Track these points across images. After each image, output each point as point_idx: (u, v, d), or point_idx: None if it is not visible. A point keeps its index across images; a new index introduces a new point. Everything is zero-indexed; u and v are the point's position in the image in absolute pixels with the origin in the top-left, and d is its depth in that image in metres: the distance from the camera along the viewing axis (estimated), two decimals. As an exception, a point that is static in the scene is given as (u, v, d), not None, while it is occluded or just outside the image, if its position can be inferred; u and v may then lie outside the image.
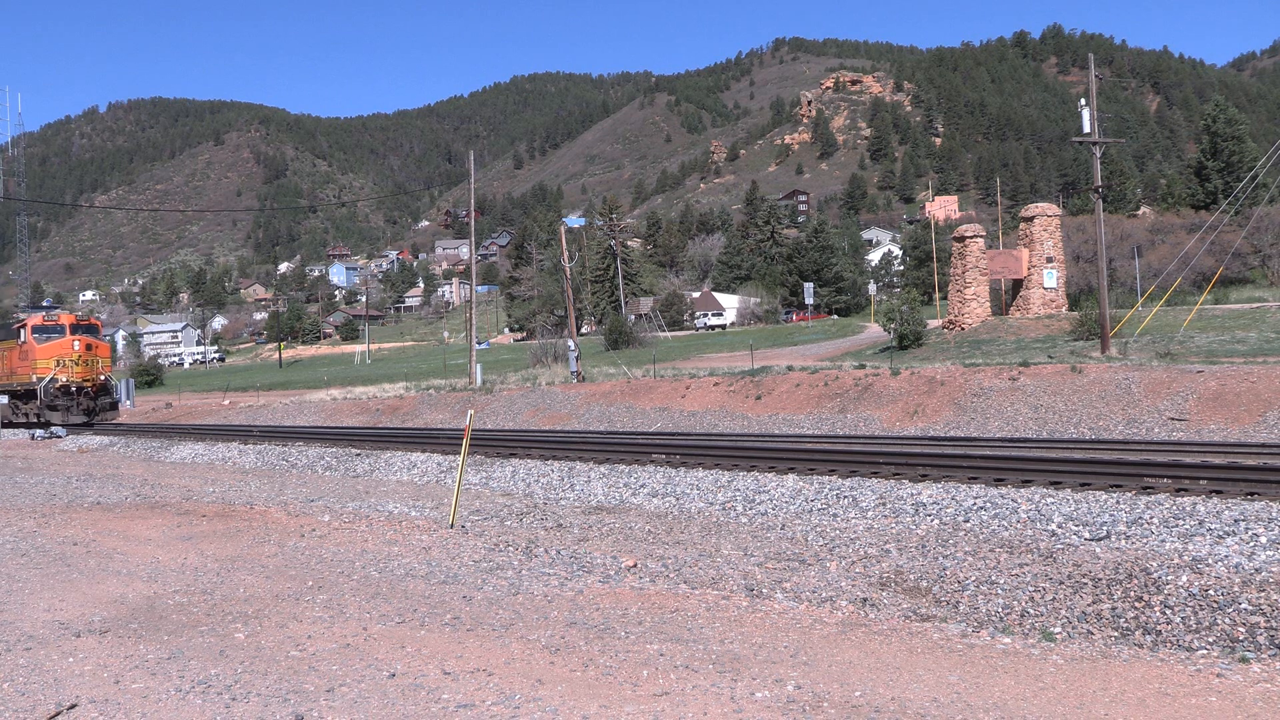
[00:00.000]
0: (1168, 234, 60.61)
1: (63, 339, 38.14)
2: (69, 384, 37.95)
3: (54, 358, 37.76)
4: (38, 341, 37.88)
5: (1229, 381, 21.68)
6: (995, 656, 6.12)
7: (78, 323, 39.72)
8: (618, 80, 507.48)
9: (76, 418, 37.66)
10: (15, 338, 39.90)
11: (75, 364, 37.89)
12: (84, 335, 38.82)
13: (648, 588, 8.38)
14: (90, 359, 38.61)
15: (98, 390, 38.88)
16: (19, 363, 39.03)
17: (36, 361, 37.72)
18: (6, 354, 40.36)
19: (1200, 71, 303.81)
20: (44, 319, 39.04)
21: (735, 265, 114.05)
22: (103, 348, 40.48)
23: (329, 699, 5.49)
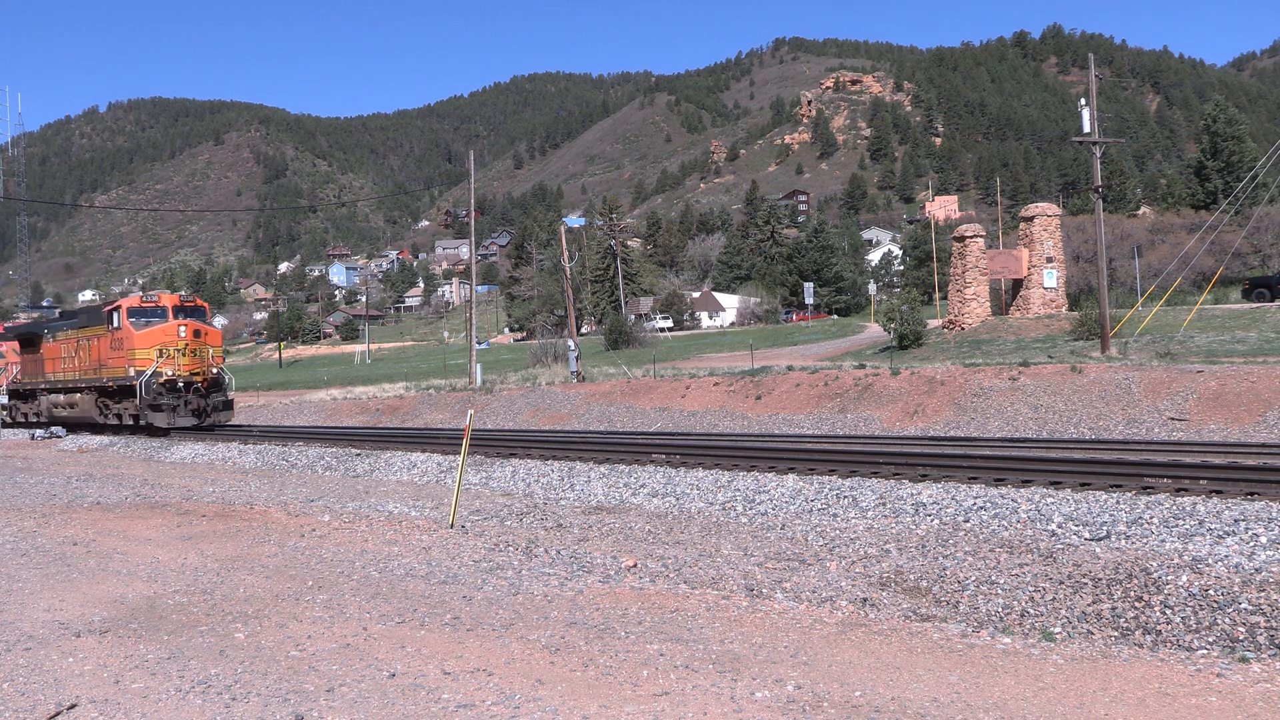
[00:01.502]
0: (1168, 234, 60.62)
1: (165, 324, 31.04)
2: (175, 378, 30.58)
3: (155, 346, 30.62)
4: (135, 327, 30.81)
5: (1229, 381, 21.67)
6: (995, 656, 6.12)
7: (182, 304, 32.27)
8: (618, 80, 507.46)
9: (184, 419, 30.62)
10: (104, 323, 32.75)
11: (182, 354, 30.78)
12: (191, 319, 31.60)
13: (648, 588, 8.38)
14: (200, 348, 31.42)
15: (209, 386, 31.62)
16: (110, 353, 31.97)
17: (134, 352, 30.60)
18: (91, 343, 33.46)
19: (1200, 71, 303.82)
20: (141, 300, 32.23)
21: (735, 265, 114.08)
22: (213, 334, 32.87)
23: (329, 699, 5.49)
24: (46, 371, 36.96)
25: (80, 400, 34.15)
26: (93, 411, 33.27)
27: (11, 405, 40.27)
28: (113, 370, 31.78)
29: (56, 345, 36.11)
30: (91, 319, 34.00)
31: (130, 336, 30.87)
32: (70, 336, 35.10)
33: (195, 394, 31.02)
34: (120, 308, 31.76)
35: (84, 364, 33.81)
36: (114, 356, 31.69)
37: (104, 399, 32.96)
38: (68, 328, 35.65)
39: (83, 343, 33.89)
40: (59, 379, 35.87)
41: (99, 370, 32.74)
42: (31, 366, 38.80)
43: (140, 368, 30.46)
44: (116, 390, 32.09)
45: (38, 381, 37.89)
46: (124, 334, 31.11)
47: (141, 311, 31.54)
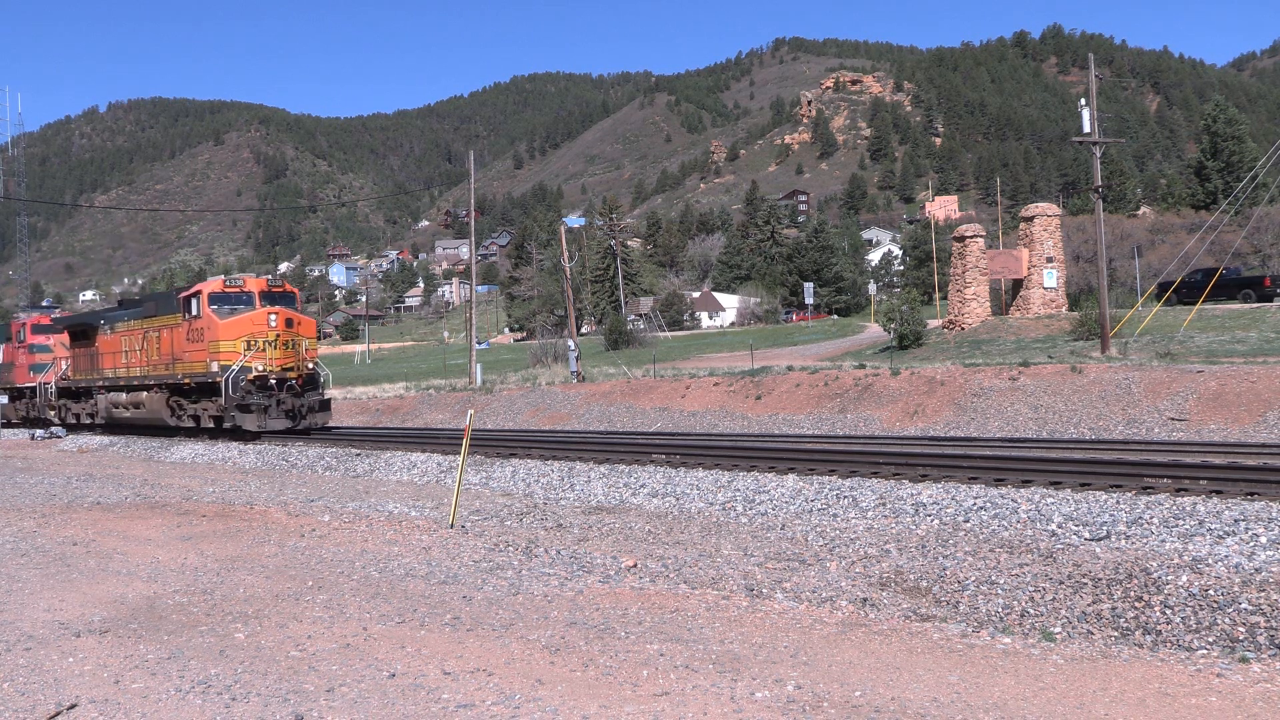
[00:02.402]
0: (1168, 234, 60.63)
1: (253, 311, 26.81)
2: (266, 375, 26.34)
3: (242, 338, 26.44)
4: (218, 315, 26.70)
5: (1229, 381, 21.67)
6: (995, 656, 6.12)
7: (270, 289, 27.80)
8: (618, 80, 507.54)
9: (277, 422, 26.33)
10: (178, 311, 28.34)
11: (273, 346, 26.55)
12: (281, 307, 27.31)
13: (648, 588, 8.38)
14: (293, 339, 27.04)
15: (304, 384, 27.36)
16: (187, 345, 27.75)
17: (218, 344, 26.41)
18: (161, 334, 29.31)
19: (1200, 71, 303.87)
20: (225, 284, 27.72)
21: (735, 265, 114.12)
22: (307, 324, 28.39)
23: (329, 699, 5.49)
24: (103, 367, 32.87)
25: (148, 400, 29.88)
26: (162, 412, 29.11)
27: (61, 405, 36.67)
28: (189, 365, 27.65)
29: (116, 337, 32.08)
30: (161, 306, 29.84)
31: (213, 326, 26.54)
32: (134, 327, 30.95)
33: (289, 392, 26.62)
34: (200, 293, 27.41)
35: (152, 358, 29.61)
36: (192, 349, 27.46)
37: (177, 398, 28.90)
38: (130, 317, 31.64)
39: (150, 334, 29.69)
40: (120, 375, 31.70)
41: (172, 365, 28.52)
42: (84, 362, 34.68)
43: (225, 362, 26.22)
44: (194, 388, 28.03)
45: (93, 378, 33.79)
46: (205, 323, 26.80)
47: (225, 297, 27.20)
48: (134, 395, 30.78)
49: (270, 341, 26.59)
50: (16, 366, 40.04)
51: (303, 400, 26.87)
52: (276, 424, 26.26)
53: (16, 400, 40.42)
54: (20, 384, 39.75)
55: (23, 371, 39.59)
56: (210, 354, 26.67)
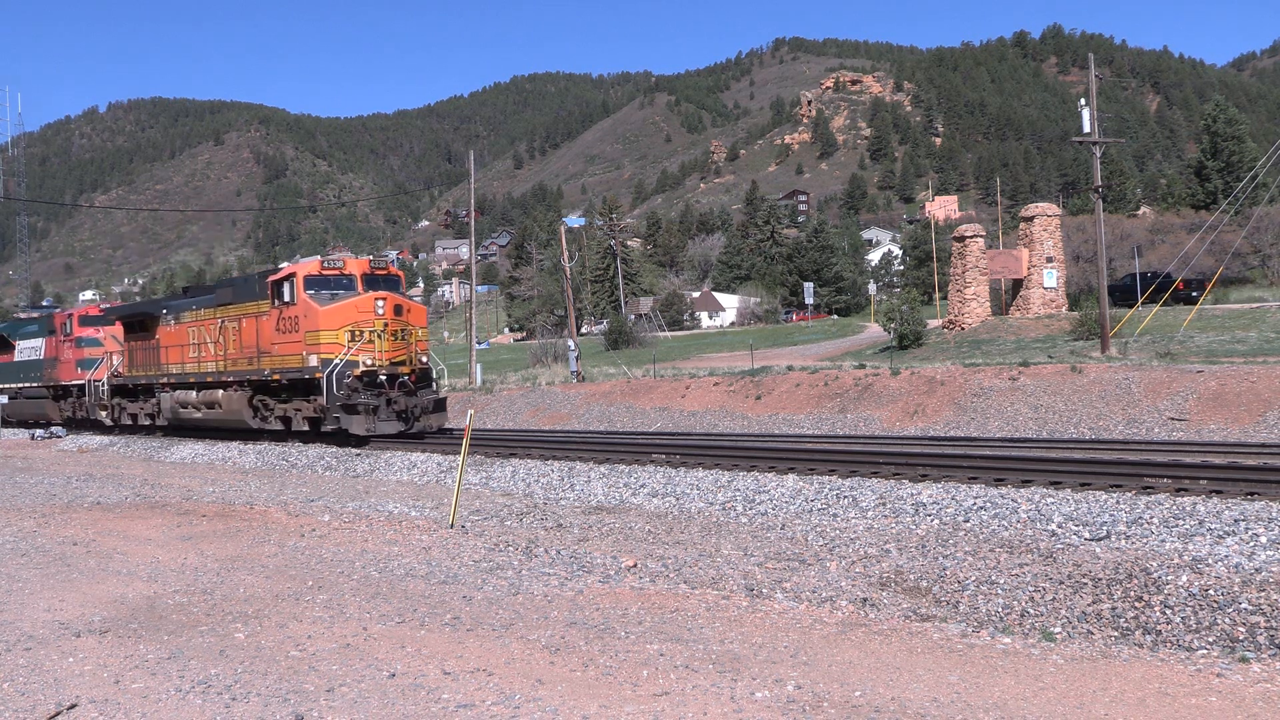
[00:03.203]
0: (1168, 234, 60.61)
1: (356, 297, 23.16)
2: (375, 370, 22.73)
3: (345, 327, 22.80)
4: (317, 301, 23.06)
5: (1229, 381, 21.68)
6: (995, 656, 6.12)
7: (373, 271, 23.91)
8: (618, 80, 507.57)
9: (387, 424, 22.63)
10: (265, 297, 24.58)
11: (381, 337, 22.88)
12: (388, 291, 23.63)
13: (648, 588, 8.38)
14: (403, 329, 23.45)
15: (418, 380, 23.72)
16: (276, 336, 24.14)
17: (318, 334, 22.78)
18: (241, 324, 25.64)
19: (1200, 71, 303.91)
20: (322, 267, 23.86)
21: (735, 265, 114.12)
22: (417, 311, 24.79)
23: (329, 699, 5.49)
24: (167, 362, 29.35)
25: (225, 399, 26.17)
26: (243, 414, 25.55)
27: (114, 404, 32.69)
28: (280, 359, 23.93)
29: (182, 329, 28.56)
30: (241, 293, 26.12)
31: (311, 314, 22.92)
32: (205, 317, 27.42)
33: (401, 390, 22.95)
34: (295, 276, 23.58)
35: (230, 351, 26.03)
36: (283, 341, 23.80)
37: (262, 397, 25.32)
38: (200, 306, 28.11)
39: (228, 324, 26.13)
40: (188, 372, 28.13)
41: (257, 360, 24.83)
42: (142, 356, 31.04)
43: (326, 355, 22.54)
44: (286, 386, 24.38)
45: (153, 374, 30.17)
46: (301, 310, 23.18)
47: (323, 281, 23.45)
48: (207, 394, 27.09)
49: (378, 331, 22.86)
50: (61, 362, 36.20)
51: (416, 399, 23.14)
52: (387, 426, 22.59)
53: (62, 399, 37.11)
54: (66, 381, 35.96)
55: (68, 368, 35.78)
56: (307, 346, 23.00)
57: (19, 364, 39.90)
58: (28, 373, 39.07)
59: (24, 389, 39.36)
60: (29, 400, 39.05)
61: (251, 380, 25.20)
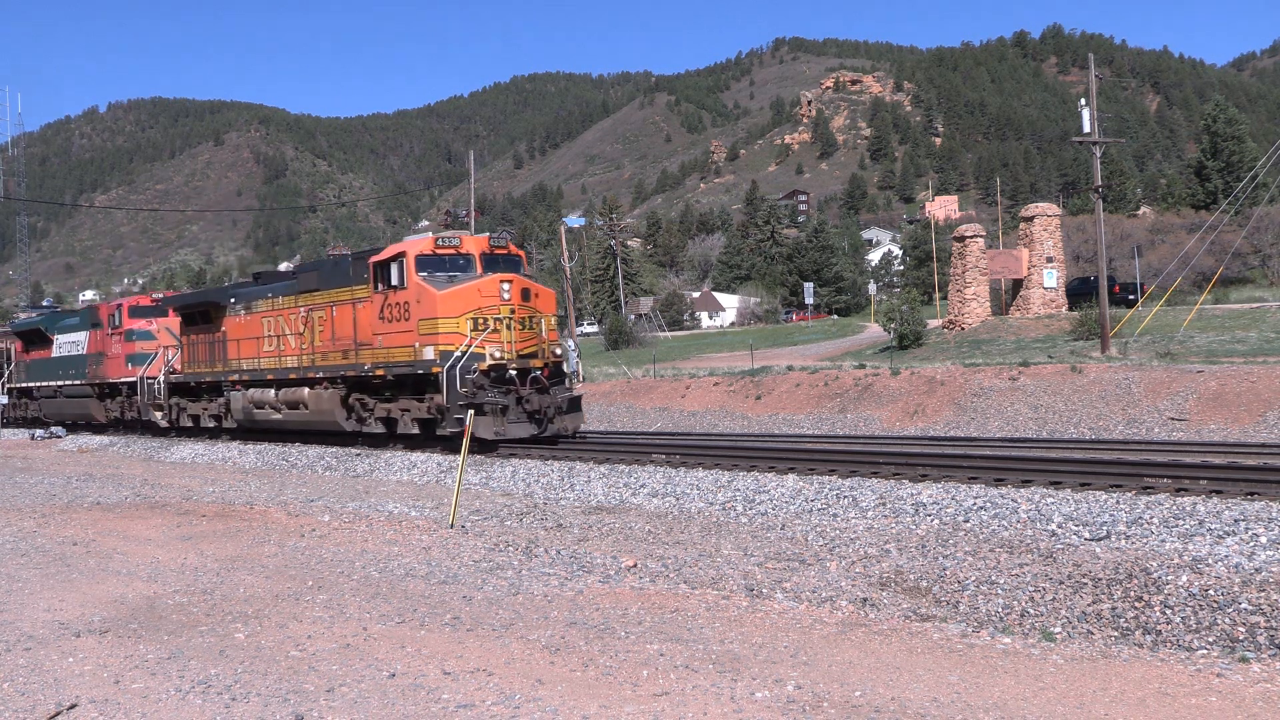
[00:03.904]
0: (1168, 234, 60.62)
1: (478, 279, 19.99)
2: (504, 363, 19.57)
3: (467, 314, 19.62)
4: (433, 284, 19.89)
5: (1229, 381, 21.69)
6: (995, 656, 6.12)
7: (493, 250, 20.79)
8: (618, 80, 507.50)
9: (519, 427, 19.69)
10: (363, 281, 21.47)
11: (508, 326, 19.77)
12: (510, 273, 20.40)
13: (648, 588, 8.38)
14: (531, 317, 20.41)
15: (551, 375, 20.55)
16: (380, 326, 20.99)
17: (435, 323, 19.63)
18: (331, 312, 22.62)
19: (1200, 71, 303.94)
20: (436, 245, 20.51)
21: (735, 265, 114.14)
22: (545, 296, 21.33)
23: (329, 699, 5.49)
24: (236, 356, 26.33)
25: (313, 398, 23.07)
26: (335, 414, 22.44)
27: (172, 404, 29.71)
28: (385, 352, 20.93)
29: (254, 319, 25.58)
30: (333, 277, 22.83)
31: (427, 299, 19.79)
32: (285, 306, 24.44)
33: (533, 387, 19.78)
34: (405, 255, 20.33)
35: (319, 343, 23.06)
36: (390, 330, 20.75)
37: (360, 395, 22.27)
38: (278, 294, 25.02)
39: (315, 313, 23.22)
40: (264, 367, 25.08)
41: (354, 352, 21.85)
42: (204, 350, 28.00)
43: (445, 346, 19.39)
44: (390, 383, 21.32)
45: (220, 371, 27.16)
46: (413, 295, 20.09)
47: (438, 262, 20.28)
48: (289, 392, 23.92)
49: (504, 319, 19.72)
50: (109, 358, 32.85)
51: (550, 398, 20.02)
52: (518, 429, 19.59)
53: (108, 398, 33.70)
54: (114, 378, 32.68)
55: (117, 363, 32.45)
56: (421, 336, 19.92)
57: (58, 360, 36.63)
58: (67, 369, 35.85)
59: (64, 387, 36.14)
60: (70, 399, 35.87)
61: (347, 377, 22.16)
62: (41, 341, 38.03)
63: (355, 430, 22.72)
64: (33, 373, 39.11)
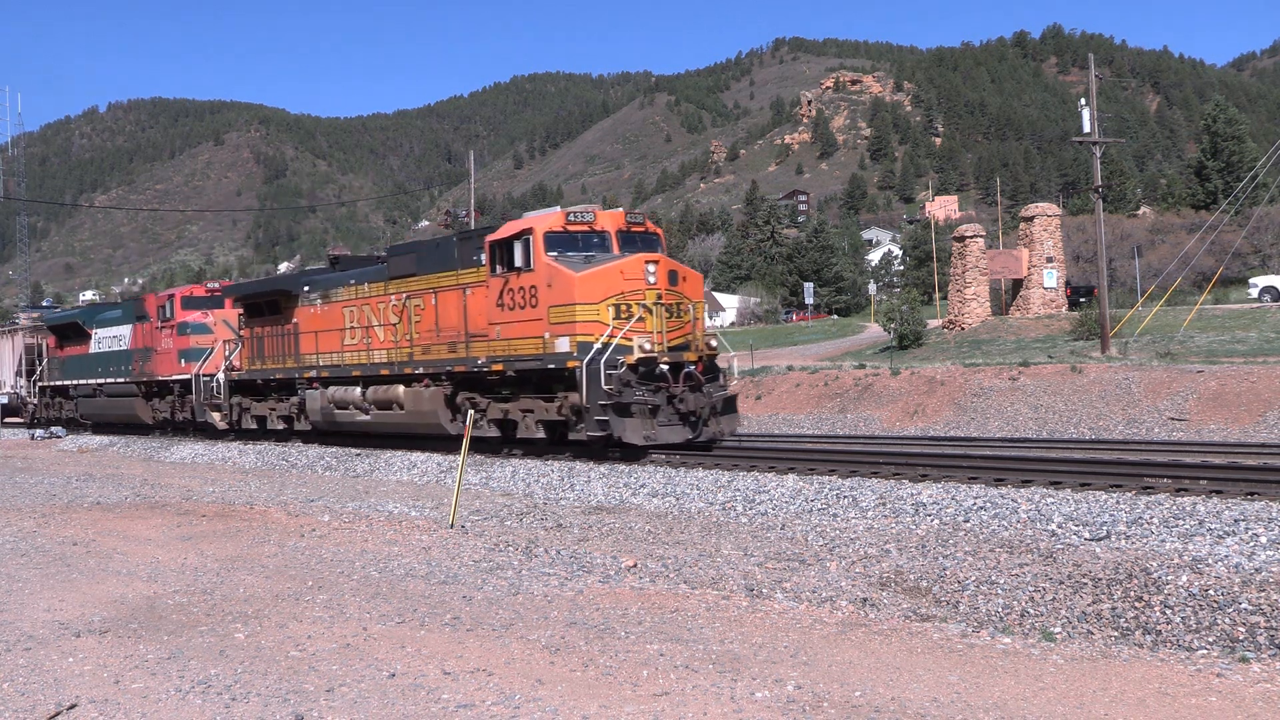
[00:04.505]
0: (1168, 234, 60.65)
1: (618, 260, 17.29)
2: (654, 357, 16.85)
3: (608, 300, 16.95)
4: (568, 265, 17.24)
5: (1229, 381, 21.69)
6: (995, 656, 6.12)
7: (630, 228, 18.21)
8: (618, 80, 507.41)
9: (671, 430, 17.04)
10: (490, 262, 18.47)
11: (654, 315, 17.09)
12: (651, 253, 17.68)
13: (648, 588, 8.38)
14: (679, 303, 17.67)
15: (705, 372, 17.77)
16: (500, 314, 18.31)
17: (572, 309, 16.97)
18: (445, 298, 19.79)
19: (1200, 71, 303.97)
20: (567, 220, 17.78)
21: (735, 265, 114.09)
22: (693, 280, 18.55)
23: (329, 699, 5.49)
24: (311, 350, 23.73)
25: (410, 397, 20.52)
26: (439, 415, 19.82)
27: (234, 404, 27.07)
28: (505, 344, 18.16)
29: (333, 309, 23.04)
30: (434, 259, 20.18)
31: (562, 282, 17.05)
32: (373, 294, 21.87)
33: (688, 385, 17.08)
34: (532, 233, 17.51)
35: (419, 335, 20.41)
36: (510, 320, 18.00)
37: (471, 394, 19.57)
38: (363, 280, 22.40)
39: (413, 301, 20.56)
40: (347, 363, 22.54)
41: (464, 345, 19.15)
42: (271, 344, 25.39)
43: (583, 337, 16.70)
44: (510, 379, 18.48)
45: (290, 367, 24.51)
46: (542, 278, 17.37)
47: (569, 240, 17.58)
48: (380, 391, 21.35)
49: (650, 306, 16.97)
50: (158, 353, 30.13)
51: (706, 397, 17.34)
52: (670, 434, 16.95)
53: (157, 397, 30.96)
54: (163, 375, 29.88)
55: (168, 359, 29.71)
56: (552, 326, 17.22)
57: (97, 356, 33.93)
58: (108, 366, 33.13)
59: (104, 386, 33.21)
60: (112, 399, 33.02)
61: (455, 372, 19.44)
62: (78, 336, 35.40)
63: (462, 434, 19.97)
64: (68, 370, 36.46)
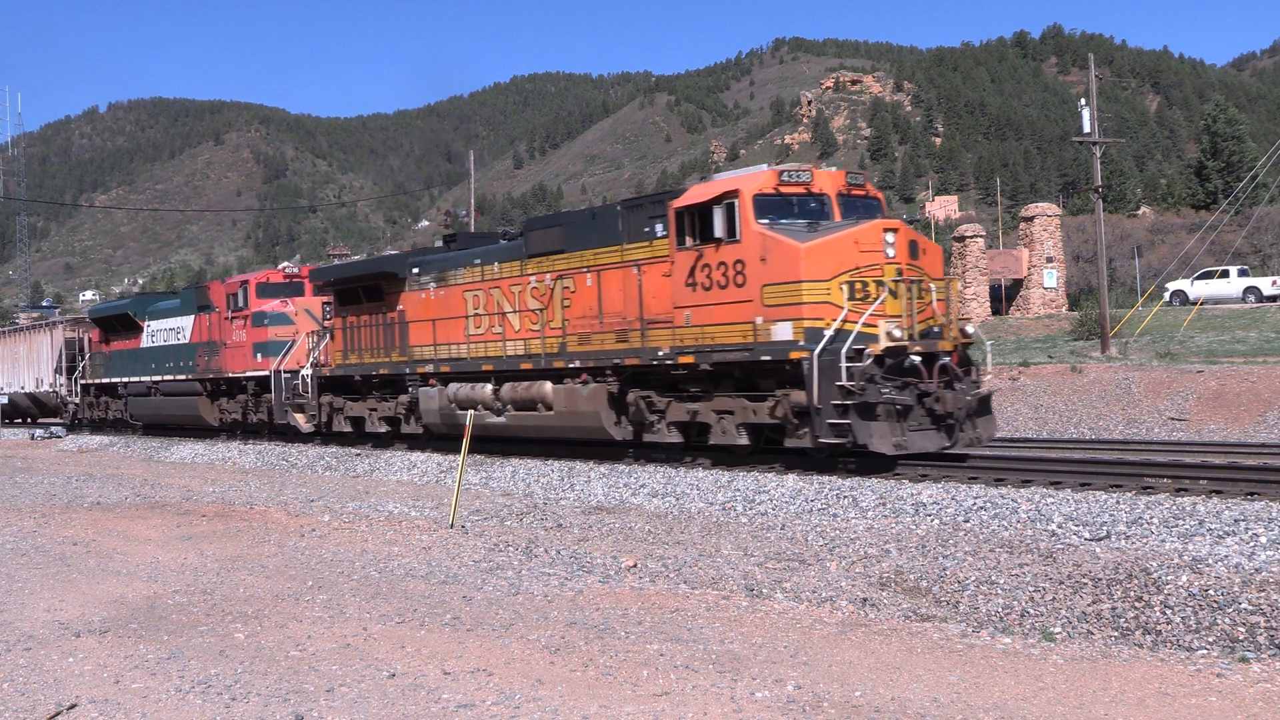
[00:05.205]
0: (1168, 234, 60.60)
1: (849, 228, 14.17)
2: (903, 347, 13.59)
3: (839, 276, 13.78)
4: (788, 234, 14.10)
5: (1229, 381, 21.70)
6: (995, 656, 6.12)
7: (850, 191, 15.08)
8: (618, 80, 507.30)
9: (924, 435, 13.82)
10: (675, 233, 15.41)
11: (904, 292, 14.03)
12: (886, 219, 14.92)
13: (648, 588, 8.38)
14: (920, 282, 14.42)
15: (960, 363, 14.51)
16: (692, 295, 15.21)
17: (799, 287, 13.76)
18: (608, 278, 16.68)
19: (1200, 71, 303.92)
20: (780, 181, 14.68)
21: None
22: (933, 253, 15.54)
23: (329, 699, 5.49)
24: (424, 341, 20.75)
25: (564, 396, 17.44)
26: (601, 417, 16.73)
27: (324, 403, 23.57)
28: (700, 331, 15.08)
29: (453, 293, 20.09)
30: (589, 233, 17.08)
31: (782, 255, 13.97)
32: (505, 275, 18.82)
33: (943, 381, 13.99)
34: (736, 195, 14.42)
35: (574, 323, 17.31)
36: (705, 302, 14.94)
37: (644, 391, 16.33)
38: (489, 259, 19.37)
39: (561, 281, 17.49)
40: (475, 356, 19.53)
41: (634, 333, 16.14)
42: (370, 335, 22.38)
43: (812, 322, 13.72)
44: (701, 374, 15.31)
45: (396, 361, 21.49)
46: (753, 250, 14.29)
47: (783, 205, 14.59)
48: (519, 388, 18.43)
49: (889, 284, 13.90)
50: (227, 347, 26.79)
51: (960, 396, 14.08)
52: (922, 440, 13.79)
53: (225, 396, 27.64)
54: (234, 372, 26.54)
55: (239, 354, 26.34)
56: (770, 308, 14.11)
57: (150, 351, 30.82)
58: (163, 362, 29.93)
59: (160, 384, 29.95)
60: (169, 398, 29.64)
61: (625, 365, 16.31)
62: (127, 329, 32.13)
63: (630, 439, 17.02)
64: (115, 366, 33.10)
